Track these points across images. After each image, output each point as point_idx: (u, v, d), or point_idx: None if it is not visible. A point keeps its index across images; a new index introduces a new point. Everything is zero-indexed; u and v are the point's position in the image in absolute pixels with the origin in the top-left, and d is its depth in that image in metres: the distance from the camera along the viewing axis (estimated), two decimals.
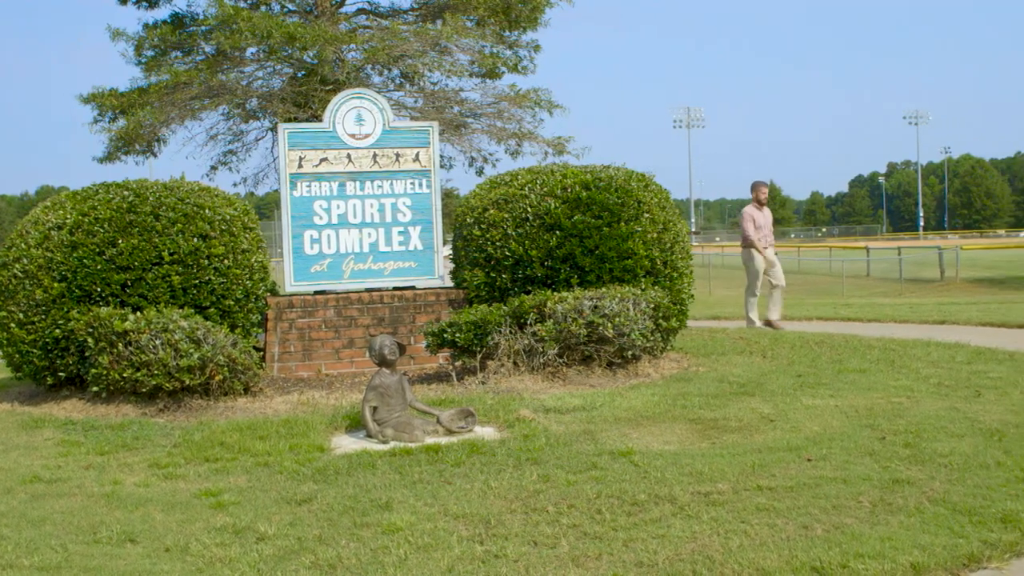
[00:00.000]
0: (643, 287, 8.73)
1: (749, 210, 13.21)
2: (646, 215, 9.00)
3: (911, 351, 9.58)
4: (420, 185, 9.75)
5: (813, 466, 5.39)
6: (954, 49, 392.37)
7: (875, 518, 4.48)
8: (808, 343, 10.25)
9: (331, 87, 20.14)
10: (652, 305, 8.48)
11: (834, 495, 4.83)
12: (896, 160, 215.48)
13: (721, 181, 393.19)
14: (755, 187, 13.49)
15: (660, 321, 8.62)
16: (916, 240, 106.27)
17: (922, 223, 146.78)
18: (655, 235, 9.02)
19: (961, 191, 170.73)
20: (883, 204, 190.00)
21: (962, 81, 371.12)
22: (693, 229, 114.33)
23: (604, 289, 8.47)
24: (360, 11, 23.65)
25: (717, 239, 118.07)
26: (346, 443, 6.50)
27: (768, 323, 12.68)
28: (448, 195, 28.15)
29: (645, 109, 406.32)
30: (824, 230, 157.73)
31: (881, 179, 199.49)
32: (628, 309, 8.20)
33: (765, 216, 13.33)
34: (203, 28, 21.81)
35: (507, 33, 23.37)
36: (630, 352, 8.37)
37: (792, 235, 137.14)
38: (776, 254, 13.55)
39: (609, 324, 8.05)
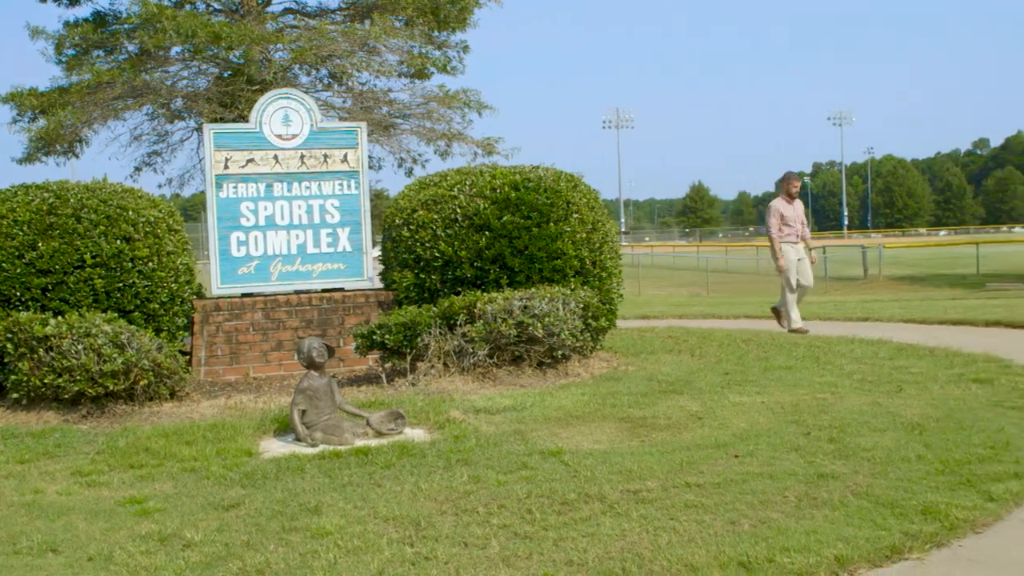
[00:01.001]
0: (573, 287, 8.77)
1: (776, 204, 12.31)
2: (575, 215, 9.05)
3: (836, 348, 9.75)
4: (348, 186, 9.69)
5: (740, 462, 5.45)
6: (878, 52, 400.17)
7: (801, 512, 4.55)
8: (736, 341, 10.39)
9: (258, 87, 19.93)
10: (582, 305, 8.52)
11: (761, 490, 4.89)
12: (821, 160, 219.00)
13: (650, 181, 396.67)
14: (786, 179, 12.62)
15: (590, 321, 8.66)
16: (841, 239, 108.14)
17: (846, 222, 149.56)
18: (584, 235, 9.07)
19: (884, 191, 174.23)
20: (809, 204, 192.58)
21: (885, 83, 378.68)
22: (623, 229, 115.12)
23: (534, 289, 8.49)
24: (287, 11, 23.44)
25: (647, 239, 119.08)
26: (275, 447, 6.43)
27: (797, 330, 11.58)
28: (378, 196, 28.02)
29: (575, 110, 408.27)
30: (752, 229, 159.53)
31: (807, 179, 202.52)
32: (558, 309, 8.23)
33: (795, 210, 12.37)
34: (126, 27, 21.41)
35: (436, 33, 23.33)
36: (560, 352, 8.40)
37: (720, 235, 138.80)
38: (812, 249, 12.73)
39: (539, 324, 8.08)
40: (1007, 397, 7.03)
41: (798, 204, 12.53)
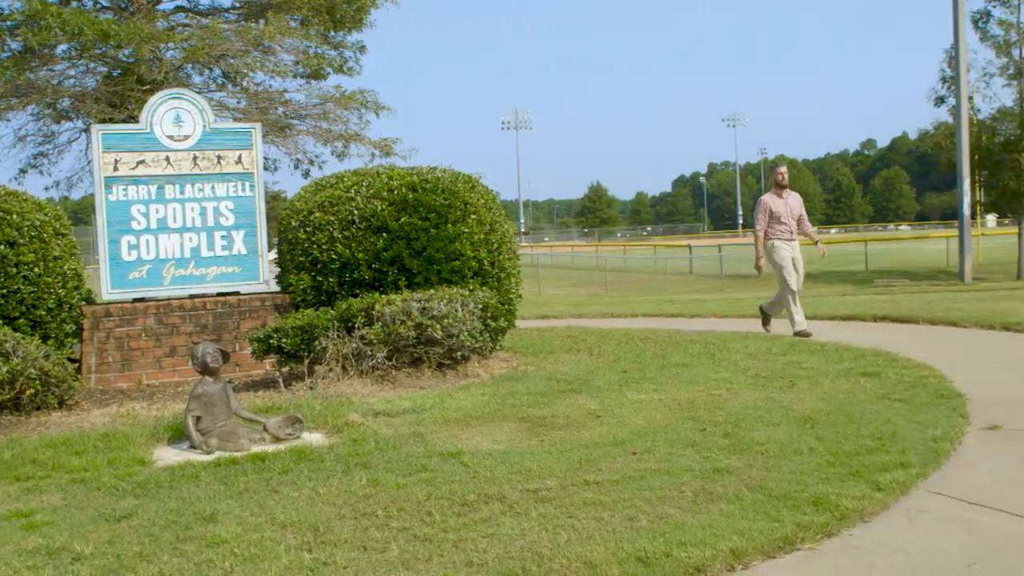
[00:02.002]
0: (471, 288, 8.78)
1: (764, 199, 11.41)
2: (473, 216, 9.06)
3: (731, 344, 9.93)
4: (243, 188, 9.54)
5: (638, 459, 5.51)
6: (769, 55, 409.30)
7: (697, 507, 4.61)
8: (633, 339, 10.50)
9: (148, 87, 19.50)
10: (480, 306, 8.52)
11: (658, 486, 4.95)
12: (716, 161, 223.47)
13: (550, 182, 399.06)
14: (771, 171, 11.76)
15: (489, 321, 8.67)
16: (736, 237, 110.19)
17: (741, 221, 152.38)
18: (482, 236, 9.08)
19: None
20: (704, 203, 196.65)
21: (777, 86, 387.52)
22: (522, 229, 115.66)
23: (432, 291, 8.47)
24: (179, 8, 22.99)
25: (546, 239, 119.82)
26: (169, 455, 6.28)
27: (802, 334, 10.74)
28: (275, 198, 27.70)
29: (474, 111, 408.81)
30: (649, 229, 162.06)
31: (702, 179, 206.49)
32: (456, 310, 8.22)
33: (788, 204, 11.34)
34: (8, 23, 20.72)
35: (332, 33, 23.13)
36: (459, 353, 8.39)
37: (618, 234, 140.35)
38: (819, 241, 11.93)
39: (438, 326, 8.06)
40: (894, 390, 7.24)
41: (792, 197, 11.51)
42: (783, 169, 11.52)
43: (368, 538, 4.41)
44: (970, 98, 32.15)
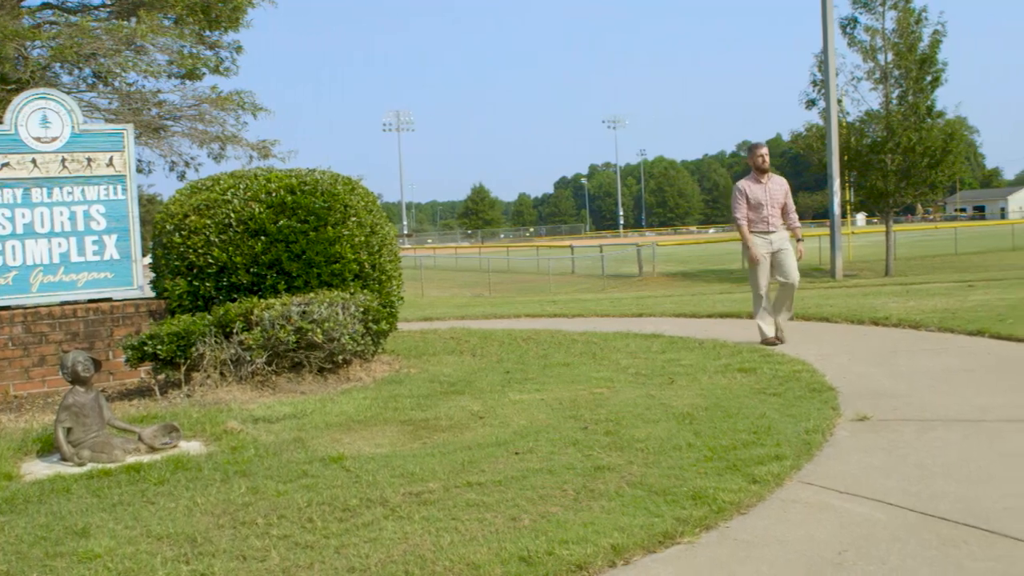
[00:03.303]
0: (352, 291, 8.69)
1: (741, 184, 10.16)
2: (353, 219, 8.97)
3: (612, 343, 10.05)
4: (115, 191, 9.27)
5: (521, 459, 5.53)
6: (648, 58, 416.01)
7: (579, 505, 4.65)
8: (516, 340, 10.55)
9: (13, 86, 18.77)
10: (362, 309, 8.45)
11: (541, 486, 4.97)
12: (597, 162, 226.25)
13: (433, 184, 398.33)
14: (750, 152, 10.36)
15: (370, 324, 8.60)
16: (617, 238, 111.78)
17: (622, 221, 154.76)
18: (363, 239, 9.00)
19: (656, 191, 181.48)
20: (586, 204, 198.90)
21: (656, 88, 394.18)
22: (405, 231, 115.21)
23: (312, 294, 8.36)
24: (45, 5, 22.19)
25: (429, 241, 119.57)
26: (38, 468, 6.06)
27: (781, 339, 9.90)
28: (150, 201, 27.05)
29: (356, 113, 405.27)
30: (532, 230, 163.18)
31: (584, 180, 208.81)
32: (337, 314, 8.13)
33: (770, 190, 10.06)
34: None
35: (207, 33, 22.63)
36: (341, 357, 8.31)
37: (502, 235, 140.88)
38: (802, 240, 10.47)
39: (318, 330, 7.96)
40: (769, 384, 7.42)
41: (775, 182, 10.17)
42: (764, 150, 10.10)
43: (248, 547, 4.32)
44: (839, 101, 33.29)
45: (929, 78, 34.25)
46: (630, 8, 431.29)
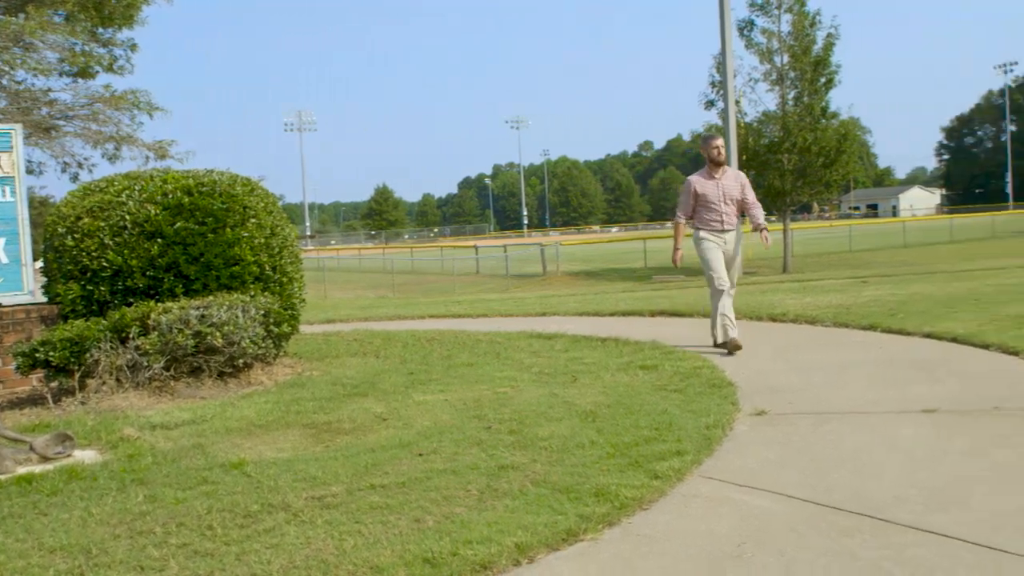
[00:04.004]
0: (252, 293, 8.56)
1: (693, 178, 9.45)
2: (252, 220, 8.83)
3: (515, 343, 10.09)
4: (3, 193, 8.97)
5: (425, 460, 5.51)
6: (550, 58, 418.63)
7: (483, 505, 4.65)
8: (420, 340, 10.52)
9: None
10: (262, 312, 8.33)
11: (444, 486, 4.96)
12: (501, 162, 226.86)
13: (335, 184, 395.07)
14: (704, 144, 9.53)
15: (272, 327, 8.49)
16: (521, 237, 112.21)
17: (526, 221, 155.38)
18: (263, 240, 8.88)
19: (560, 191, 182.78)
20: (490, 204, 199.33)
21: (558, 88, 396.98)
22: (308, 233, 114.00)
23: (212, 297, 8.21)
24: None
25: (332, 242, 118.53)
26: None
27: (733, 348, 8.97)
28: (41, 203, 26.23)
29: (256, 113, 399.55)
30: (436, 230, 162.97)
31: (488, 180, 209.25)
32: (237, 317, 8.00)
33: (723, 185, 9.35)
34: None
35: (100, 30, 22.11)
36: (241, 360, 8.18)
37: (406, 236, 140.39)
38: (766, 229, 9.42)
39: (218, 333, 7.82)
40: (670, 381, 7.52)
41: (730, 176, 9.47)
42: (719, 142, 9.39)
43: (145, 557, 4.22)
44: (737, 102, 33.92)
45: (823, 80, 35.18)
46: (531, 8, 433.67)
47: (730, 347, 8.92)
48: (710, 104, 35.58)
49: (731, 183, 9.34)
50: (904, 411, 6.22)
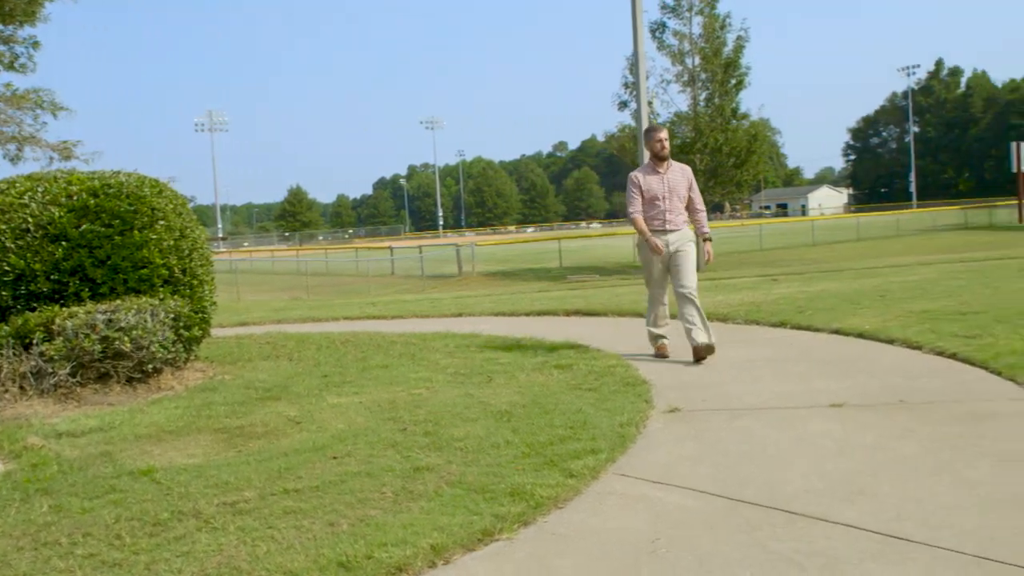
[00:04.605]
0: (162, 297, 8.40)
1: (636, 173, 8.73)
2: (161, 222, 8.66)
3: (431, 344, 10.06)
4: None
5: (339, 463, 5.46)
6: (464, 58, 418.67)
7: (398, 507, 4.62)
8: (334, 343, 10.43)
9: None
10: (172, 315, 8.18)
11: (359, 489, 4.92)
12: (416, 163, 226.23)
13: (248, 185, 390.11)
14: (647, 137, 8.80)
15: (182, 331, 8.34)
16: (437, 238, 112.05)
17: (442, 222, 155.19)
18: (172, 243, 8.71)
19: (475, 191, 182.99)
20: (406, 205, 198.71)
21: (473, 89, 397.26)
22: (220, 235, 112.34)
23: (119, 301, 8.03)
24: None
25: (245, 244, 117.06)
26: None
27: (697, 355, 8.32)
28: None
29: (166, 113, 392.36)
30: (351, 231, 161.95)
31: (402, 181, 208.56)
32: (146, 321, 7.84)
33: (667, 181, 8.64)
34: None
35: (1, 27, 21.49)
36: (151, 365, 8.01)
37: (320, 238, 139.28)
38: (709, 240, 8.93)
39: (126, 338, 7.65)
40: (585, 380, 7.56)
41: (675, 170, 8.74)
42: (663, 134, 8.67)
43: (51, 568, 4.12)
44: (650, 103, 34.26)
45: (733, 81, 35.84)
46: (446, 8, 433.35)
47: (696, 353, 8.28)
48: (623, 105, 36.01)
49: (677, 178, 8.70)
50: (813, 406, 6.35)
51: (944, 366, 7.43)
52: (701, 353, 8.26)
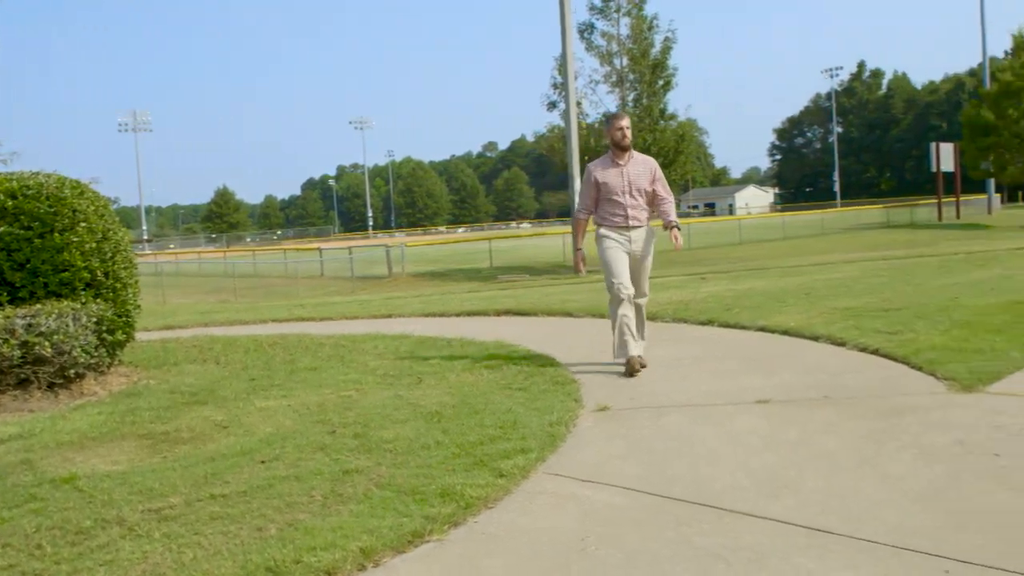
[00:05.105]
0: (84, 301, 8.23)
1: (594, 167, 8.00)
2: (82, 224, 8.48)
3: (360, 345, 9.99)
4: None
5: (267, 467, 5.40)
6: (393, 58, 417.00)
7: (327, 510, 4.58)
8: (262, 346, 10.31)
9: None
10: (95, 319, 8.03)
11: (288, 493, 4.87)
12: (345, 163, 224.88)
13: (173, 186, 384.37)
14: (608, 124, 8.10)
15: (105, 335, 8.18)
16: (367, 239, 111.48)
17: (371, 223, 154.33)
18: (94, 245, 8.54)
19: (405, 192, 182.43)
20: (335, 205, 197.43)
21: (402, 89, 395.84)
22: (145, 237, 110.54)
23: (39, 305, 7.85)
24: None
25: (171, 246, 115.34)
26: None
27: (629, 368, 7.65)
28: None
29: (88, 113, 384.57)
30: (279, 233, 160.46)
31: (332, 181, 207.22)
32: (68, 325, 7.68)
33: (628, 174, 7.87)
34: None
35: None
36: (73, 371, 7.85)
37: (248, 239, 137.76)
38: (678, 228, 8.18)
39: (47, 343, 7.49)
40: (515, 380, 7.57)
41: (636, 164, 7.95)
42: (624, 122, 7.92)
43: None
44: (578, 103, 34.52)
45: (661, 82, 36.19)
46: (374, 7, 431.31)
47: (629, 367, 7.63)
48: (552, 105, 36.15)
49: (639, 171, 7.90)
50: (739, 402, 6.42)
51: (867, 362, 7.58)
52: (635, 368, 7.63)
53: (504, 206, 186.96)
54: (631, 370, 7.62)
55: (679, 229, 8.10)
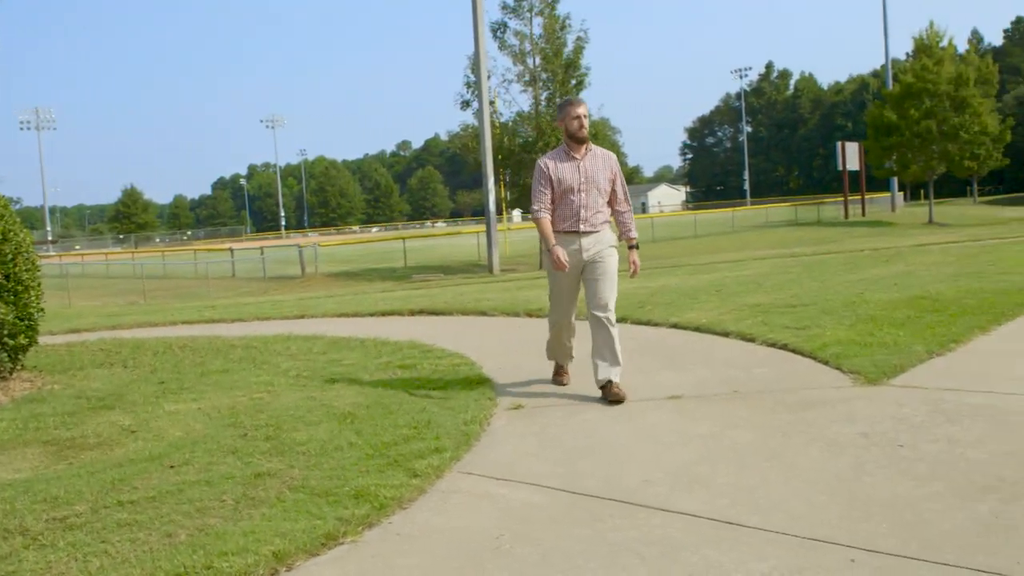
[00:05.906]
0: None
1: (546, 161, 6.75)
2: None
3: (272, 347, 9.87)
4: None
5: (176, 472, 5.30)
6: (304, 57, 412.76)
7: (239, 515, 4.51)
8: (171, 348, 10.12)
9: None
10: None
11: (198, 498, 4.79)
12: (257, 162, 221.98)
13: (79, 186, 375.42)
14: (561, 112, 6.84)
15: (6, 340, 7.96)
16: (280, 239, 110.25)
17: (284, 222, 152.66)
18: None
19: (318, 191, 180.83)
20: (247, 205, 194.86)
21: (314, 87, 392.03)
22: (50, 238, 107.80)
23: None
24: None
25: (77, 247, 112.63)
26: None
27: (605, 392, 6.57)
28: None
29: None
30: (189, 233, 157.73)
31: (243, 181, 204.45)
32: None
33: (586, 169, 6.68)
34: None
35: None
36: None
37: (157, 240, 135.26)
38: (635, 247, 7.06)
39: None
40: (429, 379, 7.54)
41: (595, 157, 6.78)
42: (581, 109, 6.72)
43: None
44: (492, 103, 34.53)
45: (574, 81, 36.33)
46: (285, 6, 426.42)
47: (610, 395, 6.54)
48: (466, 104, 36.05)
49: (598, 167, 6.75)
50: (652, 398, 6.50)
51: (776, 357, 7.72)
52: (615, 393, 6.53)
53: (418, 205, 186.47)
54: (612, 398, 6.52)
55: (637, 249, 7.07)
